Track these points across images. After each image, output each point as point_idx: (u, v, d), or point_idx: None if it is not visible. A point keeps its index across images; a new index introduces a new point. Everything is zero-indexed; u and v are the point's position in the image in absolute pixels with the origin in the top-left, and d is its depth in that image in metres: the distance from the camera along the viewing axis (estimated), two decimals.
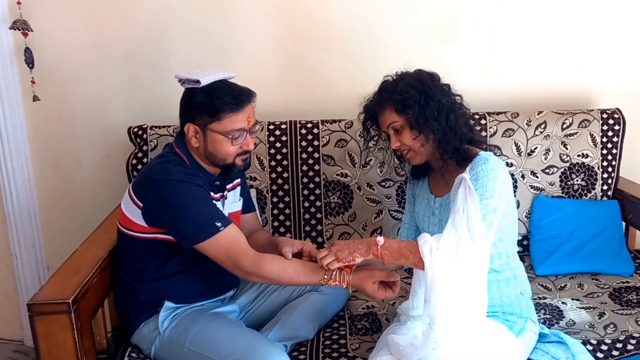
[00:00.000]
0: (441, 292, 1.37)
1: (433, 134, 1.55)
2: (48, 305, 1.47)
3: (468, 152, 1.58)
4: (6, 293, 2.46)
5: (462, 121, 1.59)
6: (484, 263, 1.42)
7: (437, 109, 1.54)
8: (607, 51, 2.32)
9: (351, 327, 1.81)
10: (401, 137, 1.58)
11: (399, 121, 1.57)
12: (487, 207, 1.45)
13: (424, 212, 1.69)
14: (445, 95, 1.57)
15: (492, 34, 2.28)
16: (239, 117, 1.59)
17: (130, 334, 1.70)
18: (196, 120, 1.61)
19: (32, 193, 2.35)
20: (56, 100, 2.28)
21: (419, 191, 1.75)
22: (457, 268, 1.38)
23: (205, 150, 1.63)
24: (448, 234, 1.41)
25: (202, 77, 1.58)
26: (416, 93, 1.53)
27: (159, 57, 2.24)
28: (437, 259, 1.38)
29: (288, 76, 2.30)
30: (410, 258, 1.45)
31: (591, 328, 1.75)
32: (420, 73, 1.60)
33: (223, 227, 1.55)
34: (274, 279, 1.57)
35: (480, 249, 1.41)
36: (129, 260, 1.70)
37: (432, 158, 1.63)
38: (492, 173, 1.49)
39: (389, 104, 1.57)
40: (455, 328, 1.38)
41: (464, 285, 1.39)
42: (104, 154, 2.35)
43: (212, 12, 2.23)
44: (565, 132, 2.17)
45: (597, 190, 2.19)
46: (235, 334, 1.59)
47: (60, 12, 2.20)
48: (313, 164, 2.15)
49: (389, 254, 1.47)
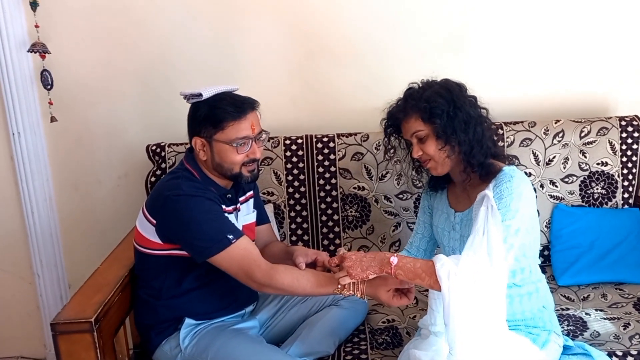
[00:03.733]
0: (459, 317, 1.35)
1: (459, 145, 1.51)
2: (71, 325, 1.48)
3: (492, 167, 1.54)
4: (29, 312, 2.48)
5: (488, 134, 1.55)
6: (502, 285, 1.40)
7: (465, 120, 1.51)
8: (624, 58, 2.30)
9: (372, 341, 1.79)
10: (424, 147, 1.55)
11: (424, 130, 1.53)
12: (509, 228, 1.42)
13: (444, 227, 1.66)
14: (472, 107, 1.54)
15: (506, 43, 2.27)
16: (242, 125, 1.60)
17: (151, 352, 1.70)
18: (201, 133, 1.62)
19: (53, 212, 2.38)
20: (75, 121, 2.32)
21: (437, 204, 1.72)
22: (475, 292, 1.36)
23: (213, 162, 1.64)
24: (467, 257, 1.38)
25: (204, 91, 1.60)
26: (444, 102, 1.50)
27: (175, 76, 2.27)
28: (454, 284, 1.35)
29: (302, 92, 2.31)
30: (426, 280, 1.41)
31: (616, 339, 1.72)
32: (448, 82, 1.56)
33: (235, 240, 1.55)
34: (287, 289, 1.56)
35: (499, 272, 1.38)
36: (146, 278, 1.71)
37: (455, 170, 1.59)
38: (516, 191, 1.46)
39: (414, 111, 1.54)
40: (475, 350, 1.36)
41: (482, 308, 1.37)
42: (122, 172, 2.38)
43: (226, 30, 2.25)
44: (583, 141, 2.15)
45: (617, 199, 2.16)
46: (257, 351, 1.59)
47: (76, 35, 2.24)
48: (330, 178, 2.16)
49: (403, 273, 1.43)
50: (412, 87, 1.60)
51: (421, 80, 1.60)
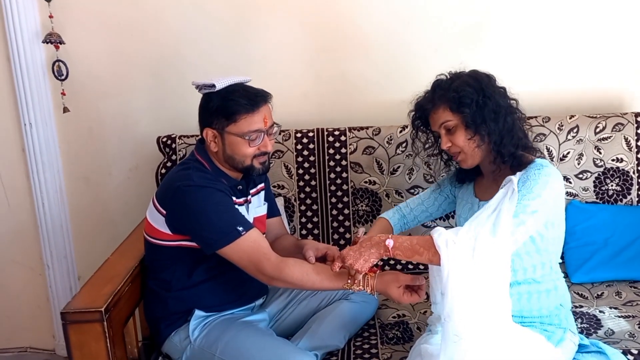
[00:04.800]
0: (457, 285, 1.32)
1: (489, 135, 1.49)
2: (81, 314, 1.48)
3: (523, 158, 1.52)
4: (38, 303, 2.49)
5: (518, 125, 1.53)
6: (505, 259, 1.36)
7: (495, 110, 1.48)
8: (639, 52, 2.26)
9: (382, 336, 1.78)
10: (453, 138, 1.52)
11: (453, 120, 1.51)
12: (525, 207, 1.39)
13: (467, 216, 1.62)
14: (502, 97, 1.52)
15: (520, 38, 2.25)
16: (255, 118, 1.59)
17: (161, 343, 1.70)
18: (213, 124, 1.62)
19: (63, 204, 2.38)
20: (86, 113, 2.32)
21: (462, 194, 1.70)
22: (474, 261, 1.33)
23: (224, 154, 1.64)
24: (467, 227, 1.37)
25: (217, 82, 1.59)
26: (473, 91, 1.48)
27: (186, 68, 2.26)
28: (453, 251, 1.33)
29: (314, 85, 2.30)
30: (425, 254, 1.39)
31: (631, 337, 1.69)
32: (477, 72, 1.54)
33: (245, 232, 1.54)
34: (296, 283, 1.55)
35: (502, 245, 1.35)
36: (156, 269, 1.71)
37: (485, 162, 1.56)
38: (542, 179, 1.43)
39: (443, 101, 1.51)
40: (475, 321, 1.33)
41: (482, 280, 1.34)
42: (133, 164, 2.37)
43: (239, 24, 2.24)
44: (598, 136, 2.12)
45: (632, 196, 2.13)
46: (266, 343, 1.58)
47: (89, 26, 2.24)
48: (341, 172, 2.14)
49: (401, 253, 1.42)
50: (440, 77, 1.58)
51: (449, 71, 1.57)
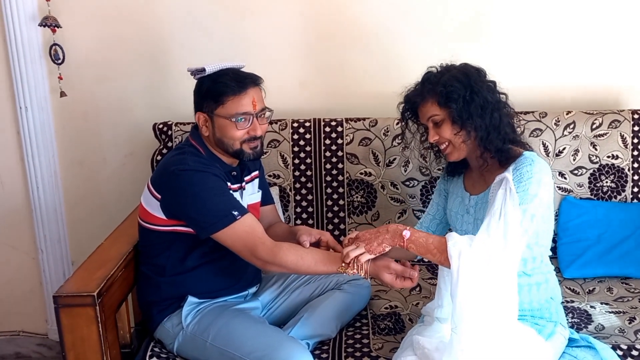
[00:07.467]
0: (465, 297, 1.34)
1: (475, 131, 1.49)
2: (73, 298, 1.48)
3: (511, 152, 1.52)
4: (31, 287, 2.49)
5: (506, 120, 1.53)
6: (514, 270, 1.39)
7: (482, 105, 1.48)
8: (637, 50, 2.26)
9: (374, 326, 1.79)
10: (440, 131, 1.52)
11: (440, 114, 1.51)
12: (525, 213, 1.40)
13: (458, 210, 1.64)
14: (490, 92, 1.51)
15: (519, 33, 2.24)
16: (243, 100, 1.59)
17: (153, 329, 1.70)
18: (204, 108, 1.62)
19: (58, 189, 2.37)
20: (82, 97, 2.31)
21: (453, 188, 1.71)
22: (486, 274, 1.34)
23: (215, 137, 1.64)
24: (481, 239, 1.37)
25: (208, 66, 1.60)
26: (461, 87, 1.48)
27: (183, 55, 2.25)
28: (465, 263, 1.34)
29: (312, 75, 2.29)
30: (437, 256, 1.42)
31: (621, 333, 1.71)
32: (467, 67, 1.54)
33: (240, 216, 1.54)
34: (291, 267, 1.55)
35: (512, 256, 1.37)
36: (150, 254, 1.70)
37: (472, 156, 1.57)
38: (536, 176, 1.43)
39: (431, 95, 1.51)
40: (481, 333, 1.35)
41: (492, 291, 1.36)
42: (129, 151, 2.37)
43: (236, 12, 2.23)
44: (594, 133, 2.12)
45: (627, 193, 2.14)
46: (259, 331, 1.59)
47: (86, 10, 2.22)
48: (337, 162, 2.14)
49: (415, 247, 1.44)
50: (430, 70, 1.57)
51: (440, 64, 1.57)
